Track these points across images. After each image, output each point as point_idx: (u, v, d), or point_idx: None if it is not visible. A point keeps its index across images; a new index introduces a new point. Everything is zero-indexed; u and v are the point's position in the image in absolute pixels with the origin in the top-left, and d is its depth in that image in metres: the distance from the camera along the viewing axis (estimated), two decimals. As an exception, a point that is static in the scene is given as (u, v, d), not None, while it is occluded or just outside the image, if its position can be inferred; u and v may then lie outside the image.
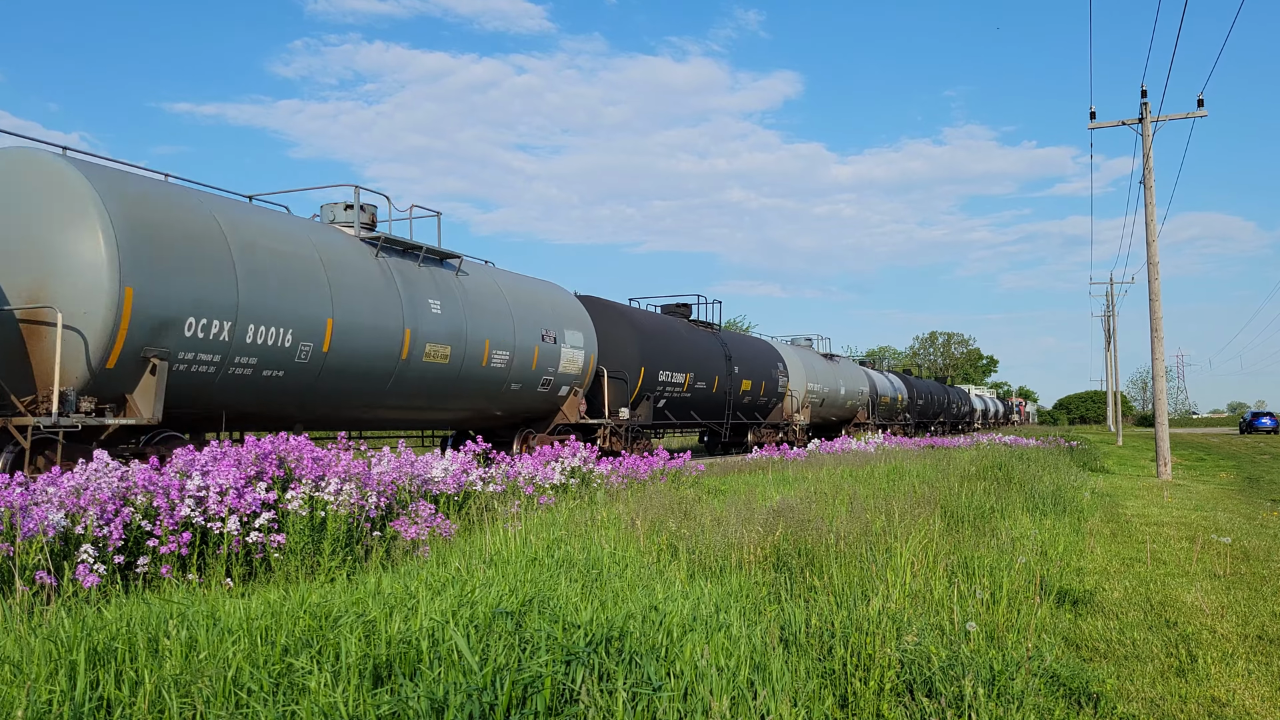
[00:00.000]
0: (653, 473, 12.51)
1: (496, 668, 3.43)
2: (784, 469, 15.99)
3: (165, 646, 3.77)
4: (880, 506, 8.19)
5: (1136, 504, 13.95)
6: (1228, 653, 5.33)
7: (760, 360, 28.67)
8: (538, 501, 9.40)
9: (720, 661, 3.70)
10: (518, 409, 17.40)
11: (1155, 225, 21.21)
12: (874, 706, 3.85)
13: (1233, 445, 43.73)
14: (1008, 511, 10.36)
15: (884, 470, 14.29)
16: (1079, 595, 6.67)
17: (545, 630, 3.83)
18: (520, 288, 17.65)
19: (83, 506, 5.96)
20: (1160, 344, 21.14)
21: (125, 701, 3.35)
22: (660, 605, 4.43)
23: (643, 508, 7.80)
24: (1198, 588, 7.06)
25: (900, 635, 4.33)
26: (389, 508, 7.75)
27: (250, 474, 7.09)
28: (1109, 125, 22.49)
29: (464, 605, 4.31)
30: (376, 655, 3.67)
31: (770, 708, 3.45)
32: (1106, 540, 9.66)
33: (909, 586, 5.50)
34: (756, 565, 6.18)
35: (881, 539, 6.69)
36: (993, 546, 7.47)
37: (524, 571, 5.34)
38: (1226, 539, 9.05)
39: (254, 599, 4.68)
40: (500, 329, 16.10)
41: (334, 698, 3.24)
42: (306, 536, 6.51)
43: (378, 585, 4.99)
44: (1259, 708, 4.43)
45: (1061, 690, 4.32)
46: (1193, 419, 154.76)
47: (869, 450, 21.73)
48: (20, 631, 4.01)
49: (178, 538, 5.96)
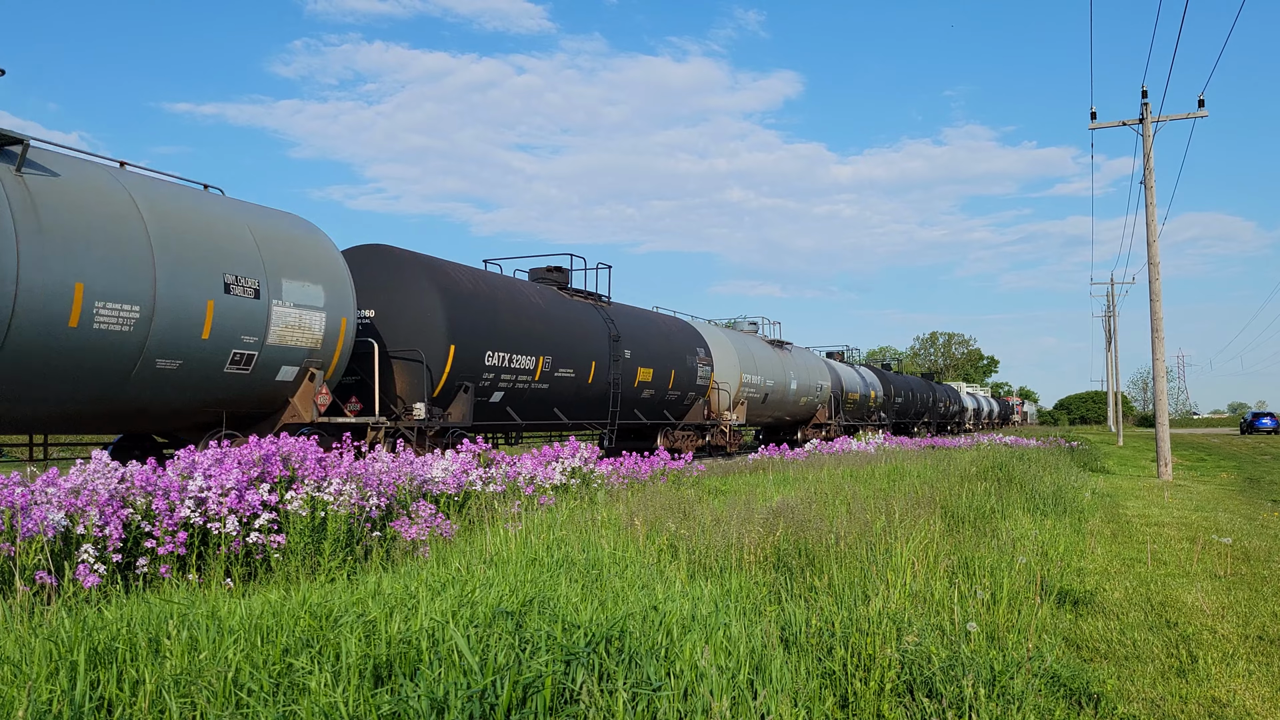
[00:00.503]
0: (653, 473, 12.58)
1: (497, 668, 3.43)
2: (784, 469, 16.00)
3: (166, 646, 3.77)
4: (881, 507, 8.18)
5: (1137, 504, 13.95)
6: (1228, 653, 5.33)
7: (669, 343, 22.19)
8: (538, 502, 9.40)
9: (720, 661, 3.70)
10: (183, 403, 10.91)
11: (1156, 225, 21.20)
12: (874, 707, 3.85)
13: (1233, 445, 43.71)
14: (1008, 512, 10.35)
15: (884, 470, 14.29)
16: (1080, 596, 6.67)
17: (545, 630, 3.83)
18: (185, 210, 10.91)
19: (82, 507, 5.96)
20: (1161, 344, 21.13)
21: (125, 701, 3.35)
22: (660, 605, 4.43)
23: (643, 508, 7.80)
24: (1198, 588, 7.06)
25: (901, 635, 4.32)
26: (389, 508, 7.76)
27: (253, 475, 7.09)
28: (1109, 126, 22.50)
29: (464, 605, 4.31)
30: (377, 655, 3.67)
31: (770, 708, 3.44)
32: (1107, 541, 9.66)
33: (909, 587, 5.49)
34: (757, 565, 6.18)
35: (882, 539, 6.69)
36: (993, 547, 7.47)
37: (524, 572, 5.34)
38: (1227, 539, 9.05)
39: (254, 599, 4.68)
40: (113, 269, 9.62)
41: (334, 698, 3.24)
42: (307, 537, 6.51)
43: (378, 585, 4.99)
44: (1259, 708, 4.43)
45: (1062, 691, 4.31)
46: (1193, 419, 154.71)
47: (869, 450, 21.74)
48: (20, 631, 4.01)
49: (176, 538, 5.96)
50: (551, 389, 17.43)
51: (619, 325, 19.87)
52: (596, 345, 18.72)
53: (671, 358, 22.06)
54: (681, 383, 22.54)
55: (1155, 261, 21.15)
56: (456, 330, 14.72)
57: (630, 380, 20.07)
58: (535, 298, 17.67)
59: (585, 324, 18.74)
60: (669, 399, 22.32)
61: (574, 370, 17.89)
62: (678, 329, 23.60)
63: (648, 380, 20.87)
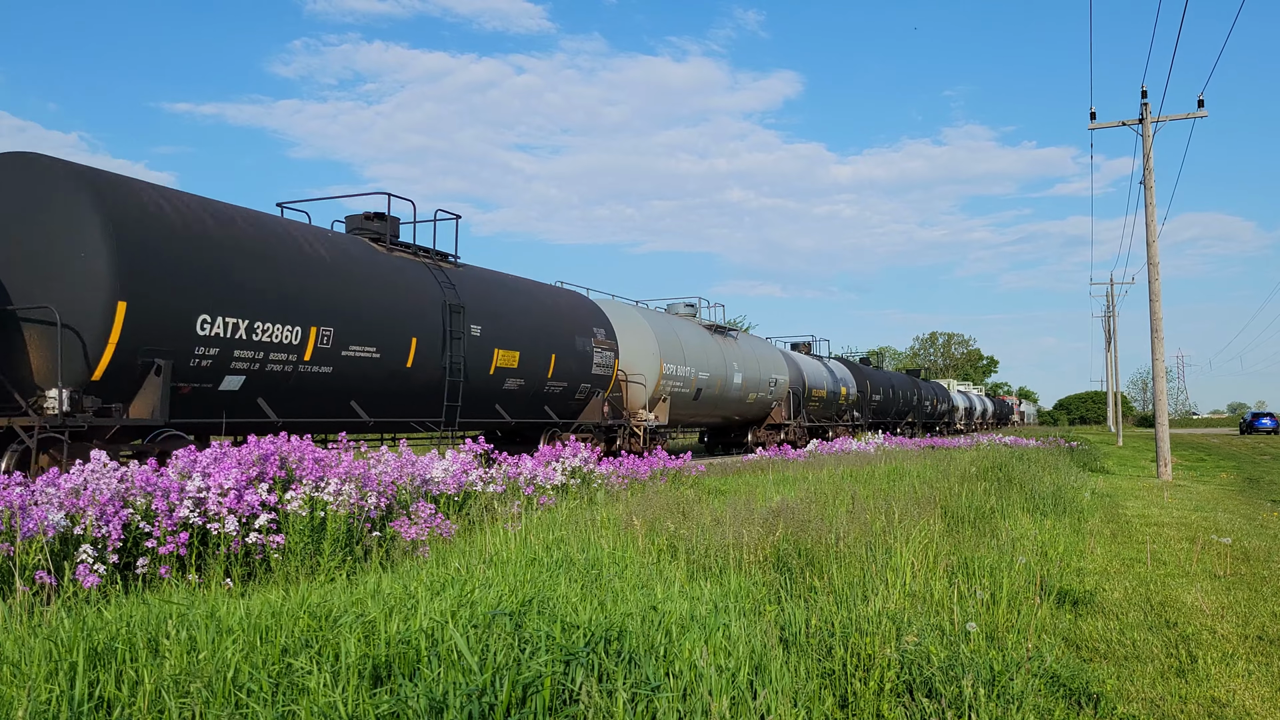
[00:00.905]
0: (653, 473, 12.57)
1: (496, 668, 3.43)
2: (784, 469, 16.01)
3: (165, 646, 3.77)
4: (880, 507, 8.18)
5: (1137, 504, 13.95)
6: (1228, 653, 5.33)
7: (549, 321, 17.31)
8: (538, 502, 9.40)
9: (720, 662, 3.70)
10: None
11: (1155, 225, 21.21)
12: (874, 707, 3.85)
13: (1233, 446, 43.73)
14: (1008, 512, 10.35)
15: (884, 471, 14.29)
16: (1079, 596, 6.67)
17: (545, 630, 3.83)
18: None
19: (81, 507, 5.96)
20: (1160, 344, 21.14)
21: (125, 702, 3.35)
22: (660, 605, 4.43)
23: (642, 508, 7.80)
24: (1198, 588, 7.06)
25: (900, 636, 4.32)
26: (389, 508, 7.75)
27: (252, 475, 7.09)
28: (1109, 126, 22.50)
29: (464, 605, 4.31)
30: (376, 655, 3.67)
31: (770, 708, 3.44)
32: (1107, 541, 9.66)
33: (909, 587, 5.49)
34: (756, 565, 6.18)
35: (881, 539, 6.69)
36: (993, 547, 7.47)
37: (524, 572, 5.34)
38: (1227, 539, 9.05)
39: (254, 599, 4.68)
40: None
41: (333, 698, 3.24)
42: (306, 537, 6.51)
43: (377, 585, 4.99)
44: (1259, 708, 4.43)
45: (1061, 691, 4.31)
46: (1193, 419, 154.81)
47: (869, 451, 21.82)
48: (20, 631, 4.01)
49: (175, 538, 5.96)
50: (337, 374, 12.66)
51: (465, 292, 15.18)
52: (423, 317, 14.13)
53: (551, 339, 17.12)
54: (569, 372, 17.59)
55: (1155, 261, 21.15)
56: (135, 278, 9.83)
57: (483, 366, 15.34)
58: (314, 246, 12.71)
59: (406, 287, 14.07)
60: (550, 392, 17.37)
61: (379, 349, 13.23)
62: (566, 304, 18.40)
63: (511, 367, 15.95)
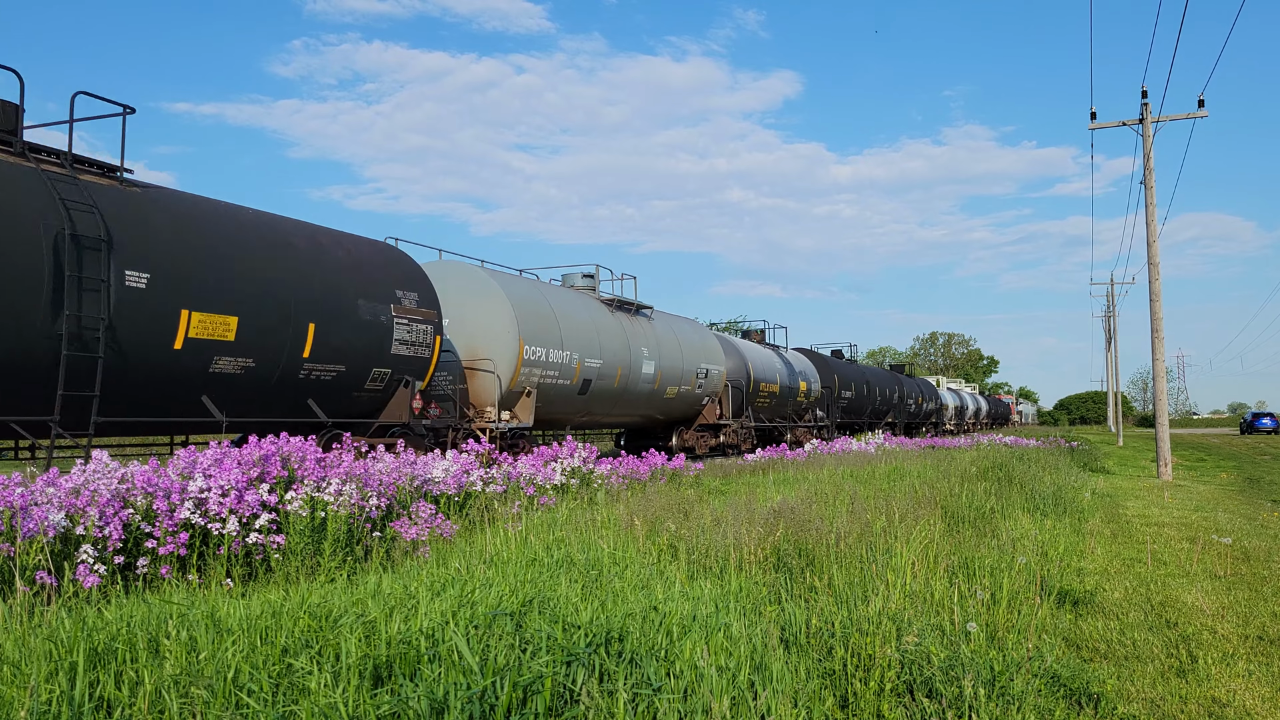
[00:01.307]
0: (653, 473, 12.57)
1: (497, 668, 3.43)
2: (785, 470, 16.01)
3: (165, 647, 3.77)
4: (881, 507, 8.18)
5: (1137, 504, 13.95)
6: (1228, 653, 5.33)
7: (312, 276, 11.92)
8: (538, 502, 9.40)
9: (720, 662, 3.70)
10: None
11: (1156, 225, 21.21)
12: (874, 707, 3.85)
13: (1233, 446, 43.73)
14: (1008, 512, 10.35)
15: (884, 471, 14.29)
16: (1079, 596, 6.67)
17: (545, 631, 3.83)
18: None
19: (82, 507, 5.96)
20: (1161, 344, 21.14)
21: (125, 702, 3.35)
22: (660, 606, 4.43)
23: (643, 508, 7.80)
24: (1198, 588, 7.06)
25: (901, 636, 4.32)
26: (389, 508, 7.75)
27: (253, 475, 7.09)
28: (1109, 126, 22.50)
29: (464, 606, 4.31)
30: (376, 656, 3.67)
31: (770, 708, 3.44)
32: (1107, 541, 9.66)
33: (909, 587, 5.49)
34: (756, 566, 6.18)
35: (882, 539, 6.69)
36: (993, 547, 7.47)
37: (524, 572, 5.34)
38: (1227, 539, 9.05)
39: (254, 599, 4.68)
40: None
41: (334, 698, 3.24)
42: (307, 537, 6.51)
43: (378, 586, 4.99)
44: (1259, 708, 4.43)
45: (1062, 691, 4.31)
46: (1193, 419, 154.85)
47: (869, 451, 21.85)
48: (20, 632, 4.01)
49: (176, 538, 5.96)
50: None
51: (121, 221, 9.73)
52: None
53: (312, 304, 11.78)
54: (346, 351, 12.28)
55: (1155, 261, 21.15)
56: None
57: (162, 339, 10.01)
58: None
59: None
60: (312, 379, 11.90)
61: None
62: (348, 257, 12.79)
63: (222, 339, 10.55)
